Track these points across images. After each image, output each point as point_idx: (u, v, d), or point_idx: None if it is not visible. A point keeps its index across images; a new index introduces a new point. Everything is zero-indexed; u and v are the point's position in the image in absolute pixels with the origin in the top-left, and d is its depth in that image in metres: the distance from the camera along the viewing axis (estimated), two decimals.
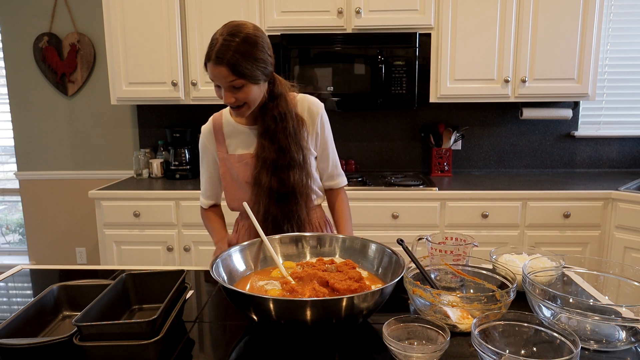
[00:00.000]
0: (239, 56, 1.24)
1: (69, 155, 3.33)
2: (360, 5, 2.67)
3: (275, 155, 1.39)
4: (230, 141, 1.49)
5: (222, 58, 1.24)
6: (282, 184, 1.40)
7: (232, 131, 1.48)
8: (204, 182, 1.60)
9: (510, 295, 1.01)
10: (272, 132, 1.39)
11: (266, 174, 1.40)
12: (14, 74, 3.25)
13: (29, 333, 0.96)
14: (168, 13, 2.73)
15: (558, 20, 2.67)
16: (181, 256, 2.70)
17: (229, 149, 1.49)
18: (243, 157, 1.46)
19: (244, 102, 1.32)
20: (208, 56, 1.27)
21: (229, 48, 1.24)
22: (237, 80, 1.26)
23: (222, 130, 1.49)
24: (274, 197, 1.41)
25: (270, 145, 1.39)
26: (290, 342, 0.98)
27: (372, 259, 1.22)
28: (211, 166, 1.55)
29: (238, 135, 1.47)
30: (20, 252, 3.72)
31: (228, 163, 1.48)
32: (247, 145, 1.47)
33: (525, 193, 2.56)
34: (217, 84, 1.30)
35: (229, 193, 1.52)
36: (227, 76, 1.26)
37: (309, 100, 1.48)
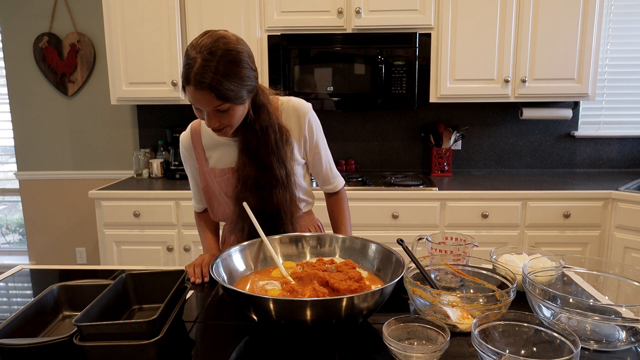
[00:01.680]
0: (221, 78, 1.11)
1: (69, 155, 3.33)
2: (360, 5, 2.68)
3: (256, 173, 1.31)
4: (210, 153, 1.40)
5: (202, 82, 1.10)
6: (265, 203, 1.34)
7: (212, 143, 1.39)
8: (192, 187, 1.55)
9: (510, 295, 1.01)
10: (254, 147, 1.30)
11: (249, 193, 1.32)
12: (14, 74, 3.25)
13: (29, 333, 0.96)
14: (168, 13, 2.73)
15: (558, 20, 2.67)
16: (181, 256, 2.70)
17: (210, 162, 1.41)
18: (225, 171, 1.39)
19: (227, 125, 1.22)
20: (187, 79, 1.12)
21: (209, 69, 1.10)
22: (222, 105, 1.15)
23: (200, 141, 1.40)
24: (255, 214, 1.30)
25: (252, 162, 1.31)
26: (290, 342, 0.98)
27: (372, 259, 1.22)
28: (194, 174, 1.49)
29: (218, 147, 1.39)
30: (20, 252, 3.72)
31: (209, 177, 1.42)
32: (228, 157, 1.38)
33: (525, 193, 2.56)
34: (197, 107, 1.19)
35: (212, 207, 1.48)
36: (210, 101, 1.13)
37: (294, 104, 1.38)
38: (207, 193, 1.46)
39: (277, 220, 1.37)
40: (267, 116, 1.30)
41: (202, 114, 1.20)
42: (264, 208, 1.35)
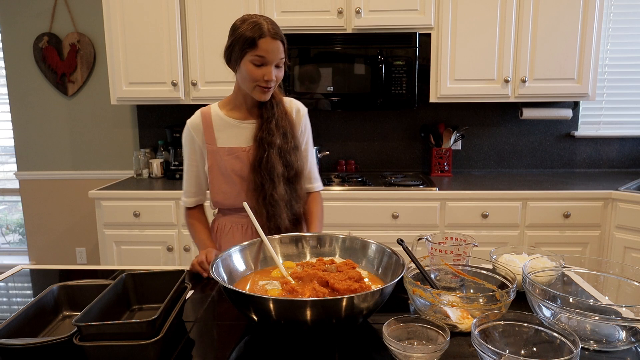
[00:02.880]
0: (284, 38, 1.39)
1: (69, 155, 3.33)
2: (360, 5, 2.68)
3: (280, 140, 1.44)
4: (219, 134, 1.49)
5: (277, 34, 1.36)
6: (289, 168, 1.46)
7: (222, 124, 1.49)
8: (187, 179, 1.57)
9: (510, 295, 1.01)
10: (276, 118, 1.45)
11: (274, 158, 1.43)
12: (14, 74, 3.25)
13: (29, 333, 0.96)
14: (168, 13, 2.73)
15: (558, 20, 2.67)
16: (181, 256, 2.70)
17: (218, 142, 1.48)
18: (234, 150, 1.47)
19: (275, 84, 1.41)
20: (261, 33, 1.33)
21: (277, 26, 1.37)
22: (283, 59, 1.39)
23: (211, 123, 1.49)
24: (281, 181, 1.44)
25: (276, 130, 1.44)
26: (290, 342, 0.98)
27: (372, 259, 1.22)
28: (198, 159, 1.53)
29: (228, 128, 1.49)
30: (20, 252, 3.72)
31: (217, 156, 1.48)
32: (237, 138, 1.48)
33: (525, 193, 2.56)
34: (261, 63, 1.36)
35: (215, 186, 1.51)
36: (280, 52, 1.37)
37: (296, 102, 1.58)
38: (212, 172, 1.50)
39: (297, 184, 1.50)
40: (281, 98, 1.51)
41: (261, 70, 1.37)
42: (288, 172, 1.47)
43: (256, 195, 1.44)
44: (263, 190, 1.43)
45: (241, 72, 1.41)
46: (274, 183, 1.43)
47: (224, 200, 1.52)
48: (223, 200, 1.52)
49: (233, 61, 1.43)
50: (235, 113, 1.50)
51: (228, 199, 1.50)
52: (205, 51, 2.78)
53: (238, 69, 1.43)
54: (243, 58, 1.38)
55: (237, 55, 1.39)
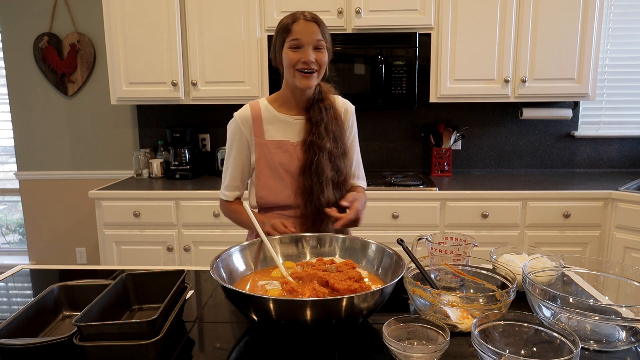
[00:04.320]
0: (324, 25, 1.43)
1: (69, 155, 3.33)
2: (360, 5, 2.67)
3: (330, 144, 1.45)
4: (268, 127, 1.48)
5: (313, 17, 1.40)
6: (338, 173, 1.48)
7: (272, 118, 1.49)
8: (232, 173, 1.53)
9: (510, 295, 1.01)
10: (325, 122, 1.46)
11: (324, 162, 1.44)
12: (14, 74, 3.25)
13: (29, 333, 0.96)
14: (168, 13, 2.73)
15: (558, 20, 2.67)
16: (181, 256, 2.70)
17: (266, 135, 1.48)
18: (283, 143, 1.47)
19: (317, 68, 1.40)
20: (295, 17, 1.39)
21: (315, 15, 1.42)
22: (321, 41, 1.39)
23: (260, 116, 1.49)
24: (330, 185, 1.45)
25: (326, 134, 1.45)
26: (290, 342, 0.98)
27: (372, 259, 1.22)
28: (243, 153, 1.51)
29: (277, 122, 1.49)
30: (20, 252, 3.72)
31: (265, 149, 1.47)
32: (286, 133, 1.49)
33: (525, 193, 2.56)
34: (297, 45, 1.38)
35: (261, 181, 1.49)
36: (316, 33, 1.39)
37: (344, 101, 1.59)
38: (259, 165, 1.48)
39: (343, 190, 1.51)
40: (331, 100, 1.52)
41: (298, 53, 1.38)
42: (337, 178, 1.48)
43: (304, 199, 1.45)
44: (311, 194, 1.44)
45: (284, 61, 1.42)
46: (323, 187, 1.44)
47: (268, 196, 1.49)
48: (268, 195, 1.49)
49: (277, 55, 1.45)
50: (284, 108, 1.50)
51: (273, 194, 1.48)
52: (205, 51, 2.78)
53: (281, 61, 1.44)
54: (283, 47, 1.41)
55: (278, 47, 1.43)
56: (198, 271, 1.44)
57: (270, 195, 1.49)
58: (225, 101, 2.85)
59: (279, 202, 1.49)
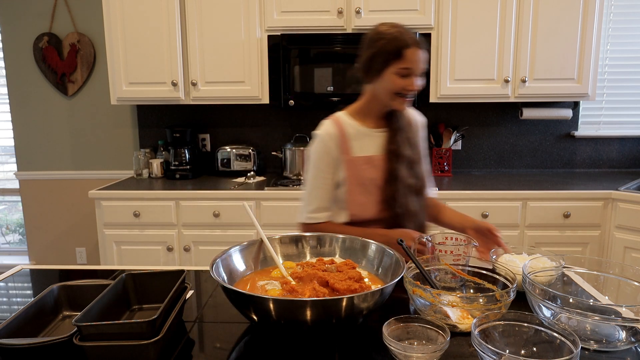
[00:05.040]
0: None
1: (69, 155, 3.33)
2: (360, 5, 2.68)
3: (409, 151, 1.47)
4: (353, 143, 1.47)
5: (421, 44, 1.37)
6: (418, 179, 1.50)
7: (356, 134, 1.47)
8: (320, 194, 1.48)
9: (510, 295, 1.01)
10: (403, 130, 1.49)
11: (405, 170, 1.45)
12: (14, 74, 3.25)
13: (29, 333, 0.96)
14: (168, 13, 2.73)
15: (558, 20, 2.67)
16: (181, 256, 2.70)
17: (353, 151, 1.47)
18: (371, 158, 1.47)
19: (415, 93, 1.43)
20: (406, 42, 1.35)
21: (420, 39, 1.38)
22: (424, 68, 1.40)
23: (345, 132, 1.46)
24: (413, 192, 1.46)
25: (406, 142, 1.47)
26: (290, 342, 0.98)
27: (372, 259, 1.22)
28: (332, 172, 1.47)
29: (362, 137, 1.48)
30: (20, 252, 3.72)
31: (354, 165, 1.45)
32: (371, 147, 1.48)
33: (525, 193, 2.56)
34: (408, 74, 1.37)
35: (352, 198, 1.45)
36: (424, 62, 1.39)
37: (414, 112, 1.60)
38: (349, 184, 1.45)
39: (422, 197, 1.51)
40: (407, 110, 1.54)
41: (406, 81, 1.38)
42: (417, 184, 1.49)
43: (388, 208, 1.44)
44: (396, 203, 1.43)
45: (383, 82, 1.39)
46: (406, 195, 1.44)
47: (360, 213, 1.46)
48: (360, 212, 1.46)
49: (373, 72, 1.40)
50: (366, 121, 1.50)
51: (365, 210, 1.46)
52: (205, 51, 2.78)
53: (378, 80, 1.41)
54: (386, 69, 1.37)
55: (379, 67, 1.38)
56: (198, 271, 1.44)
57: (362, 212, 1.46)
58: (225, 101, 2.85)
59: (370, 217, 1.46)
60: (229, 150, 3.07)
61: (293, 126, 3.20)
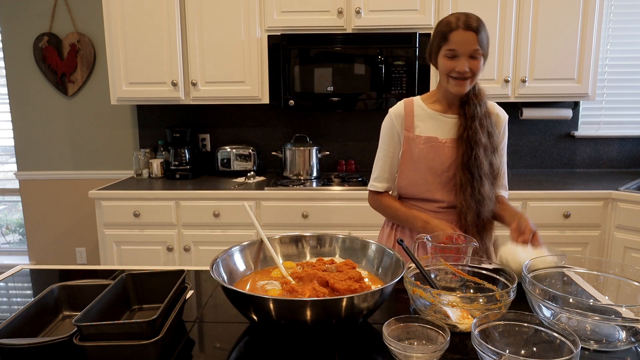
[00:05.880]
0: (482, 28, 1.39)
1: (69, 155, 3.33)
2: (360, 5, 2.68)
3: (485, 139, 1.47)
4: (418, 123, 1.54)
5: (471, 26, 1.37)
6: (493, 166, 1.50)
7: (423, 115, 1.54)
8: (382, 165, 1.61)
9: (510, 295, 1.01)
10: (480, 117, 1.48)
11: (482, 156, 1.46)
12: (14, 74, 3.25)
13: (29, 333, 0.96)
14: (168, 13, 2.73)
15: (558, 20, 2.67)
16: (181, 256, 2.70)
17: (416, 130, 1.54)
18: (431, 139, 1.51)
19: (471, 75, 1.42)
20: (451, 27, 1.39)
21: (475, 20, 1.39)
22: (477, 50, 1.39)
23: (412, 112, 1.55)
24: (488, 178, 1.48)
25: (480, 129, 1.47)
26: (290, 342, 0.98)
27: (372, 259, 1.22)
28: (393, 146, 1.58)
29: (428, 119, 1.54)
30: (20, 252, 3.72)
31: (412, 143, 1.53)
32: (435, 129, 1.53)
33: (525, 193, 2.56)
34: (453, 55, 1.40)
35: (403, 172, 1.56)
36: (473, 43, 1.38)
37: (497, 107, 1.60)
38: (404, 157, 1.55)
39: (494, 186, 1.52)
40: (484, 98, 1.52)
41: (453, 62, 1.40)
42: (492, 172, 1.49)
43: (463, 192, 1.48)
44: (471, 188, 1.47)
45: (439, 66, 1.47)
46: (482, 180, 1.46)
47: (407, 187, 1.56)
48: (407, 186, 1.56)
49: (433, 57, 1.49)
50: (437, 106, 1.55)
51: (413, 186, 1.55)
52: (205, 51, 2.78)
53: (436, 64, 1.48)
54: (439, 53, 1.44)
55: (435, 51, 1.46)
56: (198, 271, 1.44)
57: (409, 187, 1.56)
58: (225, 101, 2.85)
59: (418, 195, 1.55)
60: (229, 150, 3.07)
61: (293, 126, 3.20)
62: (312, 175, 2.95)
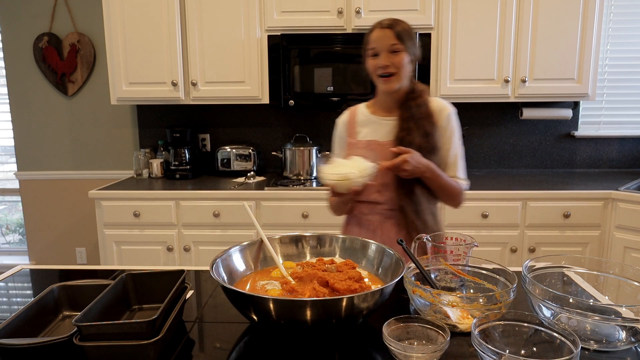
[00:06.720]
0: (401, 28, 1.46)
1: (69, 155, 3.33)
2: (360, 5, 2.67)
3: (420, 139, 1.48)
4: (360, 129, 1.61)
5: (388, 25, 1.46)
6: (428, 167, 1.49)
7: (365, 120, 1.61)
8: None
9: (510, 295, 1.01)
10: (417, 118, 1.49)
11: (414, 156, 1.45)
12: (14, 74, 3.25)
13: (29, 333, 0.96)
14: (168, 13, 2.73)
15: (558, 20, 2.67)
16: (181, 256, 2.70)
17: (359, 136, 1.60)
18: (370, 143, 1.56)
19: (395, 71, 1.46)
20: (374, 27, 1.49)
21: (395, 21, 1.48)
22: (396, 45, 1.44)
23: (355, 119, 1.63)
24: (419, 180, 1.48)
25: (416, 129, 1.49)
26: (290, 342, 0.98)
27: (372, 259, 1.22)
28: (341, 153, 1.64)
29: (369, 124, 1.59)
30: (20, 252, 3.72)
31: (354, 148, 1.58)
32: (375, 133, 1.57)
33: (525, 193, 2.56)
34: (374, 53, 1.47)
35: None
36: (390, 38, 1.45)
37: (440, 102, 1.59)
38: None
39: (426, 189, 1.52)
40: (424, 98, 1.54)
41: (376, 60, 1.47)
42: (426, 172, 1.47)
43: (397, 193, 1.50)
44: (404, 188, 1.49)
45: (368, 68, 1.52)
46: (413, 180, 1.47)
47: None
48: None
49: (363, 62, 1.55)
50: (378, 110, 1.60)
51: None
52: (205, 51, 2.78)
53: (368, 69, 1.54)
54: (366, 56, 1.52)
55: (364, 56, 1.54)
56: (198, 271, 1.44)
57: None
58: (225, 101, 2.85)
59: (366, 198, 1.56)
60: (229, 150, 3.07)
61: (293, 126, 3.20)
62: (312, 175, 2.95)
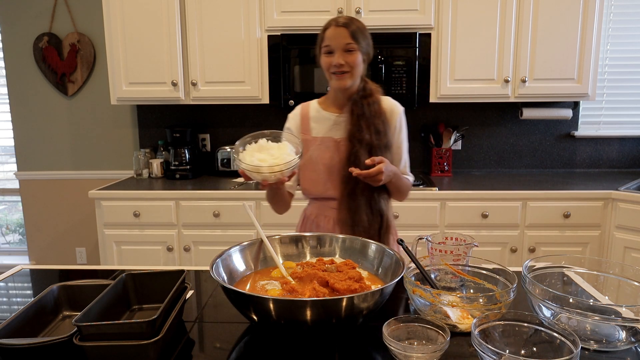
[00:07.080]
0: (356, 27, 1.47)
1: (69, 155, 3.33)
2: (360, 5, 2.68)
3: (371, 137, 1.49)
4: (314, 125, 1.60)
5: (344, 23, 1.46)
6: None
7: (318, 117, 1.60)
8: None
9: (510, 295, 1.01)
10: (367, 116, 1.50)
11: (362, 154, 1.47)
12: (14, 74, 3.25)
13: (29, 333, 0.96)
14: (168, 13, 2.73)
15: (558, 20, 2.67)
16: (181, 256, 2.70)
17: (312, 132, 1.59)
18: (325, 139, 1.56)
19: (349, 70, 1.47)
20: (329, 24, 1.48)
21: (351, 19, 1.48)
22: (351, 44, 1.45)
23: (308, 115, 1.62)
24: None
25: (367, 127, 1.49)
26: (290, 342, 0.98)
27: (372, 259, 1.22)
28: None
29: (323, 120, 1.59)
30: (20, 252, 3.72)
31: (309, 145, 1.57)
32: (329, 130, 1.57)
33: (525, 193, 2.56)
34: (329, 51, 1.47)
35: (303, 174, 1.59)
36: (345, 37, 1.45)
37: (391, 101, 1.61)
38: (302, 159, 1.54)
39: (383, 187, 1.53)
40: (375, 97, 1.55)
41: (330, 58, 1.48)
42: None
43: (341, 189, 1.52)
44: (348, 185, 1.50)
45: (322, 65, 1.53)
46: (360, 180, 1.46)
47: (310, 188, 1.60)
48: (310, 187, 1.60)
49: (317, 59, 1.55)
50: (330, 107, 1.60)
51: (314, 186, 1.58)
52: (205, 51, 2.78)
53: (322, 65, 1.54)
54: (320, 53, 1.52)
55: (318, 52, 1.54)
56: (198, 271, 1.44)
57: (311, 187, 1.59)
58: (225, 101, 2.85)
59: (321, 194, 1.58)
60: (229, 150, 3.07)
61: None
62: None
